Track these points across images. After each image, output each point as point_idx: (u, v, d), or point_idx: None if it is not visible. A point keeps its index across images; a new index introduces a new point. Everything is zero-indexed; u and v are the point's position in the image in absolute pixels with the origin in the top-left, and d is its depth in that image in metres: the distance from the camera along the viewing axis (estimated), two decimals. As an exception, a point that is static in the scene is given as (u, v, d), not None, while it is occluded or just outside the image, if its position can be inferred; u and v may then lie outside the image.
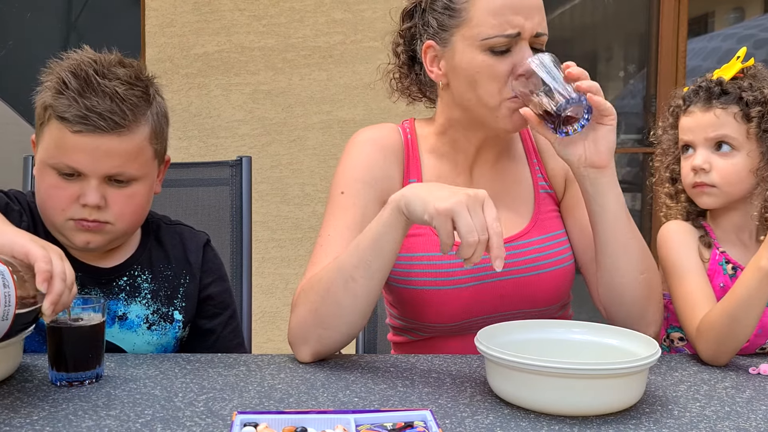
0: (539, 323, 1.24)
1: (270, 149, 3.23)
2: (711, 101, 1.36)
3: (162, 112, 1.33)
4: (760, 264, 1.22)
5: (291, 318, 1.29)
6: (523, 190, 1.44)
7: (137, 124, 1.26)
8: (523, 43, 1.27)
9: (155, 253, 1.41)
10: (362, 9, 3.19)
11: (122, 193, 1.27)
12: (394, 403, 1.08)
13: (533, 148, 1.47)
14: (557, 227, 1.43)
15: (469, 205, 1.07)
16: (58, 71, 1.25)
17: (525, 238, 1.39)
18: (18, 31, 3.44)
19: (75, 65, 1.25)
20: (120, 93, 1.23)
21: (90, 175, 1.24)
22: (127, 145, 1.25)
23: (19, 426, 0.97)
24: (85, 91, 1.22)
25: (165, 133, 1.35)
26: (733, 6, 4.59)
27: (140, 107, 1.26)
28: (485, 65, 1.28)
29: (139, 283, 1.38)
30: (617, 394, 1.04)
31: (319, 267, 1.30)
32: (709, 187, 1.37)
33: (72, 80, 1.23)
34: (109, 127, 1.22)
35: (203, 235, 1.48)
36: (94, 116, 1.21)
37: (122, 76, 1.25)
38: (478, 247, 1.06)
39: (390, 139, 1.43)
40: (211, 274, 1.45)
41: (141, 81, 1.29)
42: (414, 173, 1.41)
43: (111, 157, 1.24)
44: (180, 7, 3.19)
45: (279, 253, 3.21)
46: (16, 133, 3.45)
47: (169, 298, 1.39)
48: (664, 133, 1.48)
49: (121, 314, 1.35)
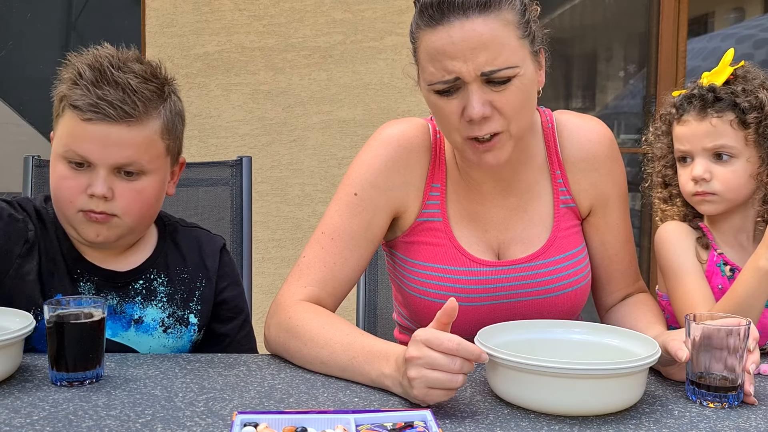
0: (539, 323, 1.24)
1: (270, 149, 3.23)
2: (706, 109, 1.34)
3: (177, 110, 1.34)
4: (759, 264, 1.22)
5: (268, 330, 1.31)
6: (542, 205, 1.39)
7: (148, 117, 1.27)
8: (469, 85, 1.20)
9: (171, 256, 1.41)
10: (362, 9, 3.19)
11: (130, 186, 1.28)
12: (394, 403, 1.08)
13: (558, 158, 1.39)
14: (576, 244, 1.39)
15: (423, 363, 1.02)
16: (76, 63, 1.28)
17: (541, 259, 1.36)
18: (18, 31, 3.44)
19: (92, 58, 1.27)
20: (133, 85, 1.25)
21: (98, 165, 1.25)
22: (136, 136, 1.26)
23: (19, 426, 0.97)
24: (98, 82, 1.24)
25: (179, 131, 1.35)
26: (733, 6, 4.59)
27: (152, 101, 1.28)
28: (437, 106, 1.25)
29: (155, 286, 1.37)
30: (617, 394, 1.04)
31: (315, 272, 1.31)
32: (711, 195, 1.35)
33: (87, 71, 1.25)
34: (118, 116, 1.23)
35: (219, 239, 1.48)
36: (104, 104, 1.23)
37: (138, 70, 1.27)
38: (464, 368, 1.02)
39: (418, 138, 1.38)
40: (226, 278, 1.45)
41: (156, 78, 1.30)
42: (438, 178, 1.38)
43: (120, 146, 1.25)
44: (180, 7, 3.19)
45: (279, 253, 3.21)
46: (16, 133, 3.45)
47: (185, 302, 1.39)
48: (656, 139, 1.46)
49: (137, 317, 1.35)
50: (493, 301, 1.35)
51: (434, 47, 1.20)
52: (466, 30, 1.18)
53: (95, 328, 1.15)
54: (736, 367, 1.09)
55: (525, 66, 1.22)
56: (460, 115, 1.22)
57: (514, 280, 1.35)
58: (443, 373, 1.01)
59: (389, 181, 1.35)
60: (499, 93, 1.20)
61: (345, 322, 1.24)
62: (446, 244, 1.36)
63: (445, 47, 1.19)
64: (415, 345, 1.03)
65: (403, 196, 1.36)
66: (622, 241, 1.43)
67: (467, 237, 1.37)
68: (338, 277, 1.33)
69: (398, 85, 3.12)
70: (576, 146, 1.39)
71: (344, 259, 1.33)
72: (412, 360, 1.03)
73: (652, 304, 1.41)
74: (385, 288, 1.82)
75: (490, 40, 1.18)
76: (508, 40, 1.19)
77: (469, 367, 1.02)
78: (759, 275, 1.22)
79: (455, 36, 1.18)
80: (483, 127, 1.22)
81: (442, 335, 1.02)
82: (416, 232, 1.38)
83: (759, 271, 1.22)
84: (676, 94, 1.42)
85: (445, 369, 1.01)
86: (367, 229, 1.34)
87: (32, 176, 1.82)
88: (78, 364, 1.13)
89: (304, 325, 1.24)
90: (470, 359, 1.02)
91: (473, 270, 1.35)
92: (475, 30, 1.18)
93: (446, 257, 1.35)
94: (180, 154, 1.39)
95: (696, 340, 1.10)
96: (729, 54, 1.37)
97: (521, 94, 1.22)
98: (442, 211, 1.37)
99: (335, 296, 1.34)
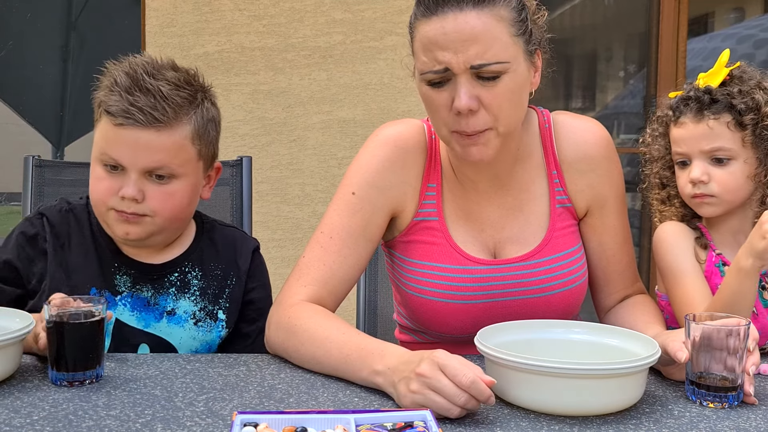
0: (539, 323, 1.24)
1: (270, 149, 3.23)
2: (702, 112, 1.34)
3: (210, 117, 1.38)
4: (740, 264, 1.22)
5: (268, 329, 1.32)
6: (538, 205, 1.39)
7: (178, 122, 1.31)
8: (458, 77, 1.21)
9: (207, 252, 1.45)
10: (362, 9, 3.19)
11: (161, 189, 1.32)
12: (394, 403, 1.08)
13: (554, 159, 1.39)
14: (572, 243, 1.40)
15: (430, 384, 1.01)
16: (113, 71, 1.32)
17: (536, 258, 1.36)
18: (18, 31, 3.44)
19: (128, 66, 1.32)
20: (164, 91, 1.29)
21: (130, 168, 1.30)
22: (165, 140, 1.30)
23: (19, 426, 0.97)
24: (132, 88, 1.29)
25: (211, 137, 1.40)
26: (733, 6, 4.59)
27: (183, 107, 1.32)
28: (427, 96, 1.26)
29: (189, 279, 1.42)
30: (617, 394, 1.04)
31: (315, 271, 1.32)
32: (709, 197, 1.35)
33: (123, 78, 1.30)
34: (147, 121, 1.28)
35: (254, 241, 1.53)
36: (135, 110, 1.27)
37: (171, 78, 1.32)
38: (468, 405, 1.01)
39: (414, 139, 1.39)
40: (255, 279, 1.48)
41: (190, 86, 1.35)
42: (434, 178, 1.39)
43: (150, 151, 1.29)
44: (180, 7, 3.19)
45: (279, 253, 3.21)
46: (16, 133, 3.46)
47: (216, 297, 1.43)
48: (653, 141, 1.45)
49: (170, 309, 1.39)
50: (488, 299, 1.36)
51: (427, 37, 1.22)
52: (458, 22, 1.19)
53: (95, 328, 1.15)
54: (735, 368, 1.09)
55: (516, 64, 1.22)
56: (449, 107, 1.23)
57: (509, 279, 1.36)
58: (445, 401, 1.01)
59: (387, 181, 1.36)
60: (487, 88, 1.21)
61: (342, 322, 1.24)
62: (443, 243, 1.36)
63: (437, 37, 1.20)
64: (430, 365, 1.03)
65: (401, 195, 1.37)
66: (620, 242, 1.43)
67: (463, 236, 1.37)
68: (338, 275, 1.33)
69: (398, 85, 3.12)
70: (573, 147, 1.39)
71: (343, 258, 1.33)
72: (421, 377, 1.02)
73: (650, 304, 1.41)
74: (385, 288, 1.82)
75: (482, 33, 1.19)
76: (500, 35, 1.20)
77: (474, 405, 1.01)
78: (740, 276, 1.22)
79: (448, 27, 1.20)
80: (470, 123, 1.23)
81: (460, 369, 1.01)
82: (413, 232, 1.38)
83: (740, 272, 1.22)
84: (672, 96, 1.41)
85: (448, 399, 1.01)
86: (366, 228, 1.35)
87: (32, 176, 1.82)
88: (78, 364, 1.13)
89: (302, 324, 1.24)
90: (478, 399, 1.01)
91: (469, 269, 1.35)
92: (467, 23, 1.19)
93: (443, 256, 1.36)
94: (215, 160, 1.44)
95: (696, 340, 1.10)
96: (725, 55, 1.36)
97: (510, 92, 1.23)
98: (438, 211, 1.37)
99: (335, 295, 1.34)
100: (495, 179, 1.38)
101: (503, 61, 1.21)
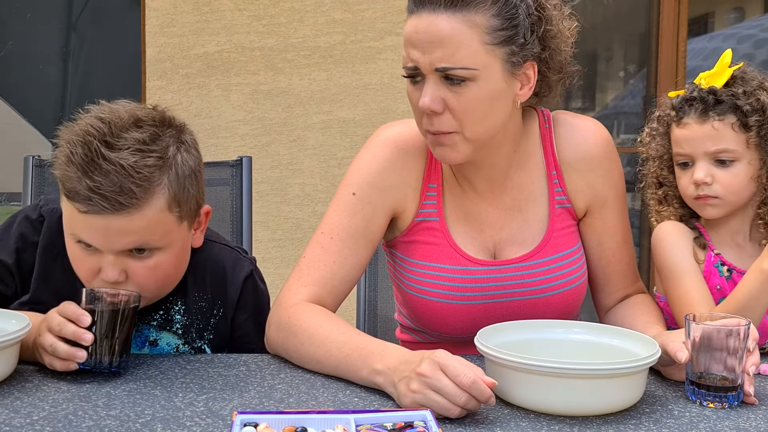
0: (539, 323, 1.24)
1: (270, 149, 3.23)
2: (707, 113, 1.32)
3: (186, 173, 1.22)
4: (763, 267, 1.22)
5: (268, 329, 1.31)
6: (537, 205, 1.39)
7: (148, 199, 1.17)
8: (427, 77, 1.22)
9: (192, 280, 1.36)
10: (362, 9, 3.19)
11: (144, 265, 1.21)
12: (394, 403, 1.08)
13: (554, 159, 1.39)
14: (571, 244, 1.39)
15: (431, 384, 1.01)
16: (68, 140, 1.18)
17: (535, 258, 1.36)
18: (18, 31, 3.44)
19: (84, 135, 1.16)
20: (127, 166, 1.14)
21: (106, 252, 1.19)
22: (138, 222, 1.17)
23: (19, 426, 0.97)
24: (89, 168, 1.14)
25: (189, 194, 1.23)
26: (733, 6, 4.59)
27: (153, 179, 1.17)
28: (408, 92, 1.29)
29: (172, 315, 1.35)
30: (617, 394, 1.04)
31: (315, 271, 1.32)
32: (712, 199, 1.34)
33: (79, 153, 1.15)
34: (113, 208, 1.14)
35: (247, 265, 1.40)
36: (98, 198, 1.14)
37: (134, 142, 1.16)
38: (468, 405, 1.01)
39: (414, 139, 1.38)
40: (245, 310, 1.39)
41: (157, 143, 1.18)
42: (434, 178, 1.38)
43: (124, 234, 1.18)
44: (180, 7, 3.19)
45: (279, 253, 3.21)
46: (16, 133, 3.46)
47: (200, 332, 1.37)
48: (652, 140, 1.44)
49: (152, 339, 1.35)
50: (487, 300, 1.36)
51: (406, 33, 1.25)
52: (429, 23, 1.21)
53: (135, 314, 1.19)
54: (735, 368, 1.09)
55: (487, 72, 1.22)
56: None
57: (508, 279, 1.36)
58: (445, 401, 1.01)
59: (387, 182, 1.36)
60: (454, 93, 1.22)
61: (342, 322, 1.24)
62: (443, 243, 1.37)
63: (410, 35, 1.23)
64: (430, 364, 1.03)
65: (401, 196, 1.37)
66: (620, 242, 1.43)
67: (463, 236, 1.38)
68: (338, 275, 1.33)
69: (398, 85, 3.12)
70: (573, 147, 1.39)
71: (344, 258, 1.33)
72: (422, 376, 1.02)
73: (650, 304, 1.41)
74: (385, 288, 1.82)
75: (448, 37, 1.20)
76: (470, 42, 1.20)
77: (474, 405, 1.01)
78: (762, 278, 1.22)
79: (420, 27, 1.22)
80: (433, 123, 1.24)
81: (461, 369, 1.01)
82: (414, 232, 1.38)
83: (762, 274, 1.22)
84: (672, 95, 1.40)
85: (449, 398, 1.01)
86: (366, 228, 1.35)
87: (32, 176, 1.82)
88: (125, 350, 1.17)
89: (302, 324, 1.24)
90: (479, 399, 1.01)
91: (469, 269, 1.35)
92: (437, 25, 1.20)
93: (443, 256, 1.36)
94: (200, 208, 1.29)
95: (696, 340, 1.10)
96: (727, 55, 1.35)
97: (477, 100, 1.23)
98: (438, 211, 1.38)
99: (335, 295, 1.34)
100: (493, 180, 1.38)
101: (470, 68, 1.20)
